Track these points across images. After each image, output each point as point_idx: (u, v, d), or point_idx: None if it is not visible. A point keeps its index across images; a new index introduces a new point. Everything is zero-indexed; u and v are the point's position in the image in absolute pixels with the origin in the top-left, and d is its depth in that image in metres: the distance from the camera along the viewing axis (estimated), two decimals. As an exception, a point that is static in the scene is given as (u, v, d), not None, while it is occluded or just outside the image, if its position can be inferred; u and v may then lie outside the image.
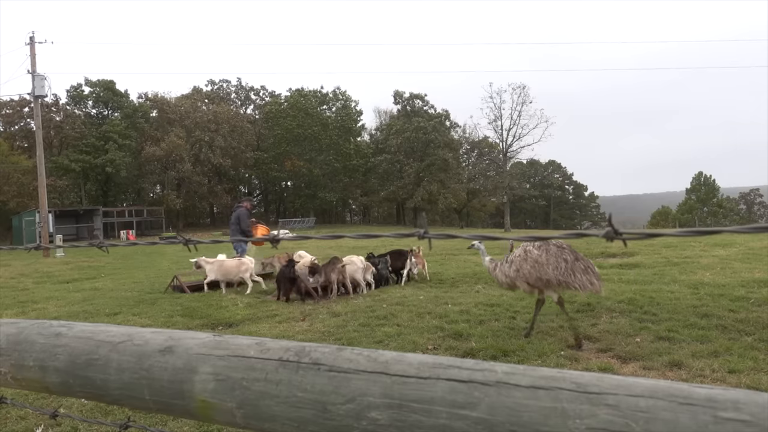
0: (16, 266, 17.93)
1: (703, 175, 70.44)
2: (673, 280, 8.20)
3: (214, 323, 6.98)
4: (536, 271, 5.26)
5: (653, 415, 0.63)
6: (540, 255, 5.26)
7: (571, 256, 5.24)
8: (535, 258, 5.29)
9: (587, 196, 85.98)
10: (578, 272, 5.14)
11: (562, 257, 5.21)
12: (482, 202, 62.26)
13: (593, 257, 11.61)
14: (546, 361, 4.66)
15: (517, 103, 52.33)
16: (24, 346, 1.13)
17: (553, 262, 5.20)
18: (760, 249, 11.22)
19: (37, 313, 8.36)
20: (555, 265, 5.18)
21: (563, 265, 5.17)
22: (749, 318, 5.64)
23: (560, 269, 5.16)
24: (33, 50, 26.01)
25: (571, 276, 5.12)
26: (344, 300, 8.08)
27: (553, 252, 5.24)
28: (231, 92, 64.80)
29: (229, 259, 9.82)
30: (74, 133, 49.85)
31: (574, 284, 5.12)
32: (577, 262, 5.21)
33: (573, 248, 5.40)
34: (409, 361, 0.79)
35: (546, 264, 5.20)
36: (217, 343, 0.94)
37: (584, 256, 5.37)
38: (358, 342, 5.54)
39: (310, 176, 58.27)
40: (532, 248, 5.36)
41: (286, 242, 11.27)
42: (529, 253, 5.37)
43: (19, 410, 3.82)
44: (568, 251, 5.28)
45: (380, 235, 1.06)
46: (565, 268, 5.16)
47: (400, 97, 58.92)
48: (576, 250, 5.39)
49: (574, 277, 5.11)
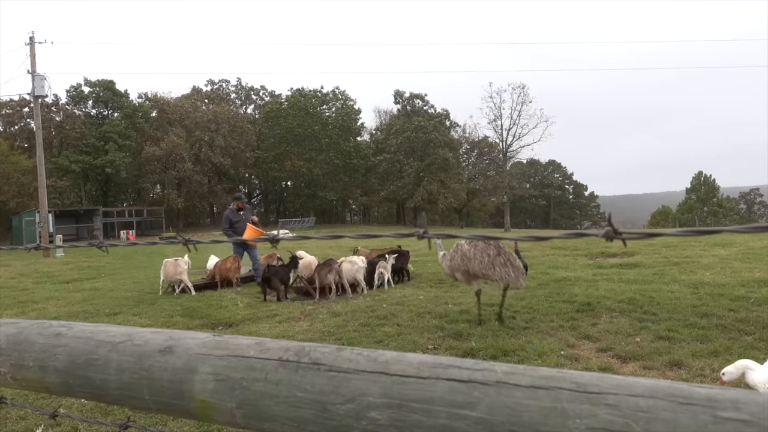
0: (16, 266, 17.94)
1: (703, 174, 70.45)
2: (673, 279, 8.20)
3: (214, 323, 6.99)
4: (464, 264, 5.89)
5: (653, 415, 0.63)
6: (469, 250, 5.87)
7: (494, 251, 5.82)
8: (464, 252, 5.91)
9: (587, 195, 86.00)
10: (498, 266, 5.73)
11: (486, 252, 5.79)
12: (482, 202, 62.27)
13: (593, 257, 11.62)
14: (546, 361, 4.65)
15: (516, 102, 52.37)
16: (24, 346, 1.13)
17: (478, 257, 5.80)
18: (760, 249, 11.22)
19: (37, 313, 8.36)
20: (480, 259, 5.79)
21: (486, 259, 5.76)
22: (749, 318, 5.64)
23: (483, 263, 5.76)
24: (33, 50, 26.01)
25: (492, 269, 5.73)
26: (344, 300, 8.08)
27: (480, 247, 5.82)
28: (231, 92, 64.86)
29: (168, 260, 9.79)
30: (74, 133, 49.87)
31: (494, 276, 5.74)
32: (498, 256, 5.79)
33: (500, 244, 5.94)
34: (409, 360, 0.79)
35: (473, 258, 5.81)
36: (216, 343, 0.94)
37: (508, 251, 5.94)
38: (358, 342, 5.55)
39: (310, 176, 58.27)
40: (464, 243, 5.99)
41: (285, 242, 11.24)
42: (461, 248, 5.98)
43: (19, 410, 3.82)
44: (493, 247, 5.83)
45: (380, 235, 1.06)
46: (487, 261, 5.75)
47: (400, 97, 58.94)
48: (502, 246, 5.91)
49: (494, 270, 5.72)
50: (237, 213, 10.52)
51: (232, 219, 10.44)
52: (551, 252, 12.91)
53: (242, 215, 10.48)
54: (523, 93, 51.78)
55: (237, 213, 10.52)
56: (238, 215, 10.49)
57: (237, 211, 10.54)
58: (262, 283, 8.55)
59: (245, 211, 10.69)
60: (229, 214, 10.56)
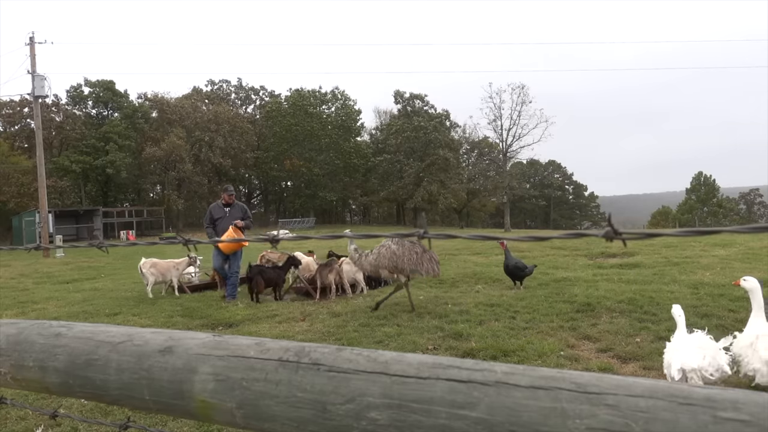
0: (16, 266, 17.94)
1: (702, 175, 70.42)
2: (673, 280, 8.20)
3: (214, 323, 6.98)
4: (393, 261, 6.77)
5: (653, 415, 0.63)
6: (397, 249, 6.79)
7: (420, 249, 6.84)
8: (393, 251, 6.80)
9: (587, 196, 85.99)
10: (425, 261, 6.80)
11: (414, 251, 6.79)
12: (482, 202, 62.28)
13: (593, 257, 11.62)
14: (546, 361, 4.65)
15: (516, 103, 52.37)
16: (24, 347, 1.13)
17: (407, 255, 6.75)
18: (760, 249, 11.22)
19: (37, 314, 8.36)
20: (409, 256, 6.76)
21: (415, 257, 6.76)
22: (749, 318, 5.63)
23: (413, 260, 6.75)
24: (33, 50, 26.02)
25: (421, 265, 6.76)
26: (344, 300, 8.08)
27: (407, 246, 6.80)
28: (231, 92, 64.84)
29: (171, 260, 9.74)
30: (74, 133, 49.88)
31: (422, 271, 6.80)
32: (424, 254, 6.84)
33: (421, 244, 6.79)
34: (409, 361, 0.79)
35: (402, 256, 6.75)
36: (216, 344, 0.94)
37: (428, 249, 6.93)
38: (358, 342, 5.54)
39: (310, 176, 58.28)
40: (390, 243, 6.85)
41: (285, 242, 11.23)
42: (389, 248, 6.84)
43: (19, 410, 3.82)
44: (418, 246, 6.84)
45: (380, 235, 1.06)
46: (416, 258, 6.76)
47: (401, 97, 58.95)
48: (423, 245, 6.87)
49: (422, 265, 6.76)
50: (222, 208, 8.54)
51: (214, 215, 8.51)
52: (551, 252, 12.91)
53: (227, 212, 8.50)
54: (522, 93, 51.83)
55: (222, 208, 8.54)
56: (223, 211, 8.51)
57: (223, 207, 8.56)
58: (248, 283, 8.37)
59: (233, 207, 8.63)
60: (212, 208, 8.61)
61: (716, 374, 3.41)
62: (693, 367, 3.37)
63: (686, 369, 3.39)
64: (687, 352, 3.46)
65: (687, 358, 3.42)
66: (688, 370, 3.38)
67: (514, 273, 8.32)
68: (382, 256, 6.86)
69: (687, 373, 3.39)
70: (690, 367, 3.38)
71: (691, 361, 3.39)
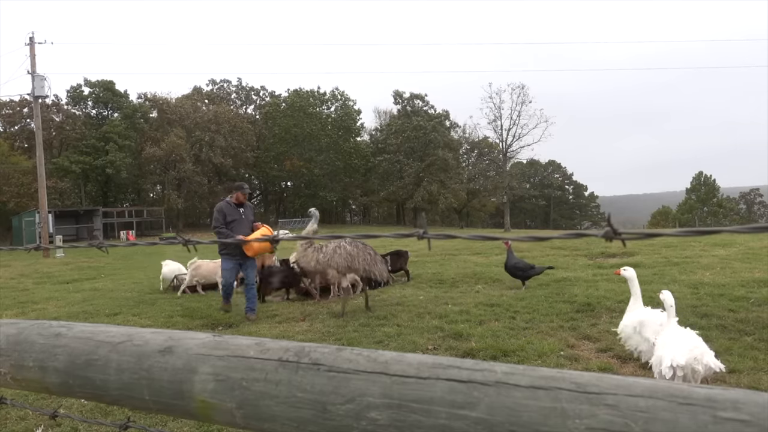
0: (16, 267, 17.94)
1: (703, 174, 70.43)
2: (673, 280, 8.19)
3: (214, 323, 6.98)
4: (347, 261, 6.86)
5: (653, 415, 0.63)
6: (352, 250, 6.89)
7: (373, 252, 7.09)
8: (348, 251, 6.88)
9: (587, 196, 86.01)
10: (378, 263, 7.07)
11: (367, 252, 6.99)
12: (482, 202, 62.30)
13: (593, 257, 11.61)
14: (546, 361, 4.65)
15: (516, 103, 52.48)
16: (24, 347, 1.13)
17: (362, 256, 6.90)
18: (760, 249, 11.21)
19: (37, 314, 8.36)
20: (363, 257, 6.91)
21: (368, 258, 6.94)
22: (749, 318, 5.64)
23: (367, 261, 6.93)
24: (33, 50, 26.01)
25: (375, 266, 7.00)
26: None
27: (361, 248, 6.95)
28: (231, 92, 64.88)
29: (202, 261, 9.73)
30: (74, 133, 49.91)
31: (374, 272, 7.03)
32: (377, 256, 7.12)
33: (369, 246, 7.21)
34: (409, 361, 0.79)
35: (357, 257, 6.88)
36: (216, 344, 0.94)
37: (377, 253, 7.27)
38: (358, 342, 5.54)
39: (310, 176, 58.29)
40: (344, 244, 6.90)
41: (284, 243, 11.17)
42: (344, 248, 6.89)
43: (19, 410, 3.82)
44: (370, 248, 7.09)
45: (380, 236, 1.06)
46: (370, 259, 6.95)
47: (400, 97, 58.97)
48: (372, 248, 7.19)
49: (376, 266, 7.01)
50: (235, 209, 7.50)
51: (227, 215, 7.39)
52: (551, 252, 12.90)
53: (242, 213, 7.53)
54: (522, 93, 51.93)
55: (235, 209, 7.50)
56: (237, 212, 7.48)
57: (236, 207, 7.52)
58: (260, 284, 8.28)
59: (246, 208, 7.65)
60: (224, 207, 7.45)
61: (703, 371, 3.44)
62: (682, 364, 3.39)
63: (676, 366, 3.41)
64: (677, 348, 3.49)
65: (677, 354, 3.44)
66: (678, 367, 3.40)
67: (513, 273, 8.32)
68: (338, 255, 6.85)
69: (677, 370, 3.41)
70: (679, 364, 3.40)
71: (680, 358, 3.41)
